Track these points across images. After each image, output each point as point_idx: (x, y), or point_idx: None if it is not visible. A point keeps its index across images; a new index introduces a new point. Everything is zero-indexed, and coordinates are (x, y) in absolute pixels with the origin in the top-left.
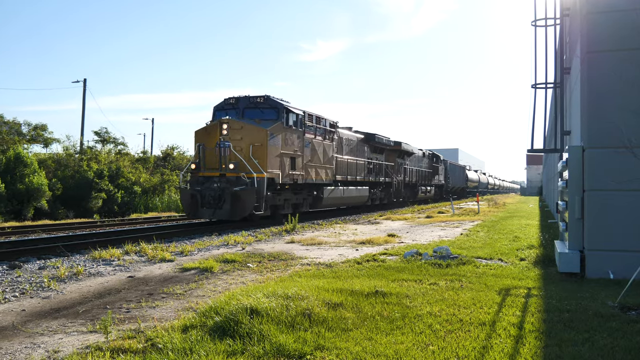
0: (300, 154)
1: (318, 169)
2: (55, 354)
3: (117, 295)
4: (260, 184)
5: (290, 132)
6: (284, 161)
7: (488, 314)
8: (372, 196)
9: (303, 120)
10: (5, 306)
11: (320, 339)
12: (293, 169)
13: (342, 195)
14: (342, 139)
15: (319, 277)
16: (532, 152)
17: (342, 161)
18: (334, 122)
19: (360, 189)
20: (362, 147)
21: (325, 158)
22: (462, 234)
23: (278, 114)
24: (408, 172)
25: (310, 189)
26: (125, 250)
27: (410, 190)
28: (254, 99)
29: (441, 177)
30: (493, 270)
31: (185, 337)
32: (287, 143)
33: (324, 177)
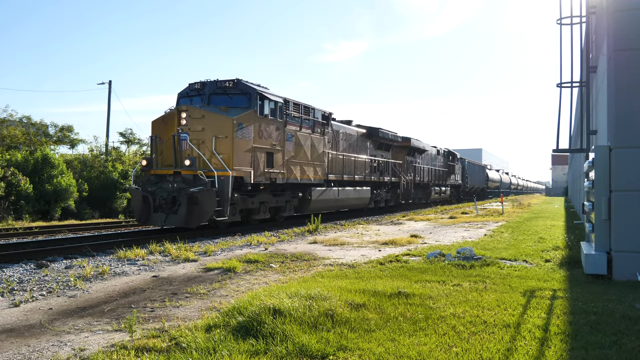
0: (280, 148)
1: (304, 166)
2: (81, 352)
3: (142, 295)
4: (223, 184)
5: (266, 123)
6: (258, 157)
7: (512, 316)
8: (376, 197)
9: (284, 109)
10: (33, 304)
11: (342, 339)
12: (270, 166)
13: (336, 197)
14: (337, 133)
15: (342, 277)
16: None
17: (336, 158)
18: (326, 114)
19: (360, 189)
20: (364, 142)
21: (315, 154)
22: (486, 234)
23: (250, 101)
24: (419, 171)
25: (295, 190)
26: (150, 250)
27: (422, 190)
28: (222, 83)
29: (458, 177)
30: (517, 271)
31: (208, 337)
32: (262, 135)
33: (312, 176)
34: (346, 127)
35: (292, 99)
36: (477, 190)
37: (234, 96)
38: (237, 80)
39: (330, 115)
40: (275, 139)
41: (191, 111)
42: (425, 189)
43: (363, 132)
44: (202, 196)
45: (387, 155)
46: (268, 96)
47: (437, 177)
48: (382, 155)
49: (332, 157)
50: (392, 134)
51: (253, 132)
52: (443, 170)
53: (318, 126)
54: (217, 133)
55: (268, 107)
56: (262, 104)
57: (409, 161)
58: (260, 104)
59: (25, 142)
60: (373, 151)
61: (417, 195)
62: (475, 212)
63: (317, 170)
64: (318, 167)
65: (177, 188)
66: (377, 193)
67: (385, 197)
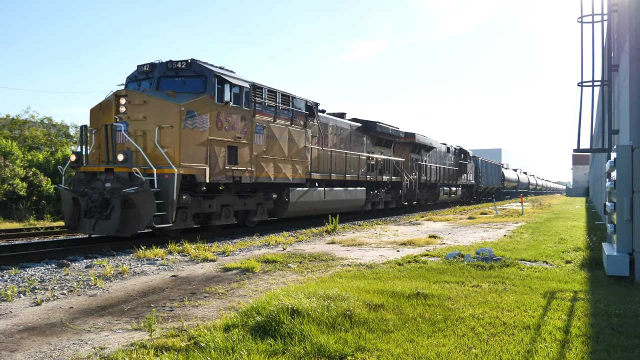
0: (246, 142)
1: (280, 163)
2: (101, 351)
3: (161, 294)
4: (167, 184)
5: (227, 112)
6: (216, 151)
7: (533, 317)
8: (373, 199)
9: (251, 95)
10: (54, 303)
11: (361, 340)
12: (233, 163)
13: (321, 198)
14: (326, 127)
15: (360, 278)
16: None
17: (323, 154)
18: (310, 103)
19: (353, 190)
20: (359, 138)
21: (294, 149)
22: (505, 235)
23: (205, 85)
24: (425, 170)
25: (269, 191)
26: (169, 250)
27: (428, 191)
28: (173, 64)
29: (470, 176)
30: (538, 272)
31: (227, 336)
32: (223, 126)
33: (290, 175)
34: (337, 120)
35: (266, 85)
36: (492, 191)
37: (187, 79)
38: (191, 60)
39: (316, 105)
40: (240, 131)
41: (131, 96)
42: (432, 189)
43: (358, 126)
44: (138, 198)
45: (387, 152)
46: (229, 80)
47: (446, 176)
48: (381, 152)
49: (319, 153)
50: (393, 128)
51: (209, 122)
52: (454, 169)
53: (299, 118)
54: (161, 122)
55: (230, 93)
56: (221, 88)
57: (414, 159)
58: (219, 88)
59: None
60: (370, 147)
61: (423, 196)
62: (495, 212)
63: (297, 168)
64: (298, 165)
65: (110, 188)
66: (375, 194)
67: (385, 198)
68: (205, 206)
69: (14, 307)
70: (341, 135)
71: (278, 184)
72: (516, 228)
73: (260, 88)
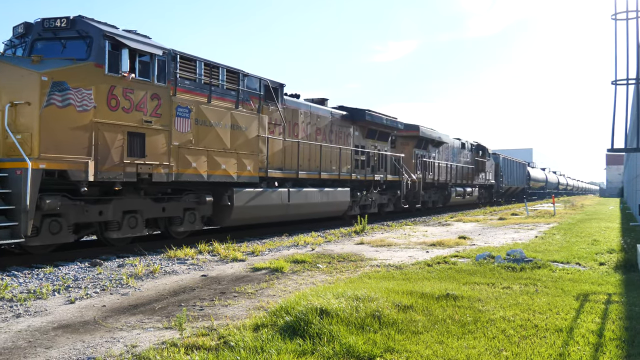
0: (161, 127)
1: (218, 156)
2: (133, 349)
3: (191, 294)
4: (17, 183)
5: (128, 86)
6: (107, 139)
7: (565, 320)
8: (363, 201)
9: (170, 68)
10: (87, 301)
11: (390, 341)
12: (137, 155)
13: (284, 201)
14: (295, 113)
15: (389, 278)
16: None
17: (290, 147)
18: (269, 83)
19: (332, 191)
20: (344, 128)
21: (240, 139)
22: (536, 236)
23: (90, 49)
24: (433, 168)
25: (203, 192)
26: (199, 250)
27: (438, 192)
28: (52, 22)
29: (489, 175)
30: (570, 274)
31: (256, 336)
32: (119, 105)
33: (234, 172)
34: (312, 107)
35: (197, 56)
36: (516, 191)
37: (69, 42)
38: (75, 17)
39: (281, 87)
40: (150, 113)
41: None
42: (442, 190)
43: (342, 115)
44: None
45: (383, 146)
46: (129, 44)
47: (459, 175)
48: (375, 146)
49: (284, 145)
50: (389, 118)
51: (96, 100)
52: (469, 167)
53: (253, 100)
54: (14, 97)
55: (131, 62)
56: (116, 54)
57: (419, 155)
58: (112, 54)
59: None
60: (360, 140)
61: (431, 198)
62: (526, 213)
63: (246, 164)
64: (247, 159)
65: None
66: (364, 196)
67: (380, 200)
68: (94, 213)
69: (49, 305)
70: (318, 125)
71: (217, 184)
72: (548, 229)
73: (189, 59)
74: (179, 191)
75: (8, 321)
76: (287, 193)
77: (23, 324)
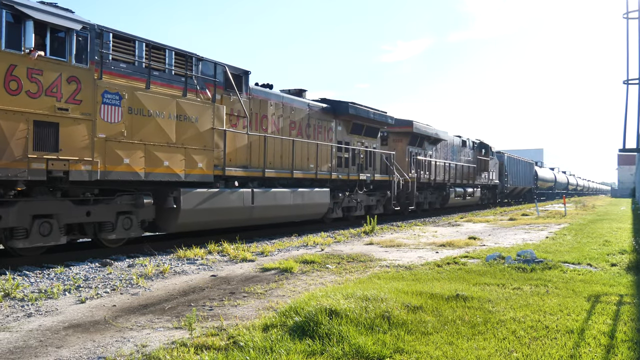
0: (81, 116)
1: (160, 151)
2: (143, 348)
3: (201, 294)
4: None
5: (34, 66)
6: (5, 129)
7: (576, 321)
8: (347, 203)
9: (95, 45)
10: (98, 301)
11: (399, 341)
12: (49, 149)
13: (245, 204)
14: (263, 104)
15: (398, 279)
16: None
17: (257, 142)
18: (227, 69)
19: (308, 192)
20: (325, 123)
21: (189, 132)
22: (547, 237)
23: None
24: (429, 167)
25: (142, 193)
26: (209, 250)
27: (435, 192)
28: None
29: (493, 175)
30: (581, 275)
31: (265, 336)
32: (20, 89)
33: (181, 169)
34: (286, 98)
35: (135, 35)
36: (522, 192)
37: None
38: None
39: (246, 75)
40: (66, 99)
41: None
42: (440, 191)
43: (322, 108)
44: None
45: (372, 142)
46: (34, 15)
47: (459, 174)
48: (361, 142)
49: (249, 140)
50: (377, 112)
51: None
52: (470, 166)
53: (210, 89)
54: None
55: (37, 37)
56: (16, 27)
57: (413, 153)
58: (12, 26)
59: None
60: (344, 136)
61: (427, 199)
62: (536, 213)
63: (197, 160)
64: (199, 155)
65: None
66: (348, 197)
67: (367, 202)
68: None
69: (60, 305)
70: (293, 118)
71: (160, 184)
72: (559, 230)
73: (123, 39)
74: (112, 192)
75: (19, 320)
76: (250, 194)
77: (34, 324)
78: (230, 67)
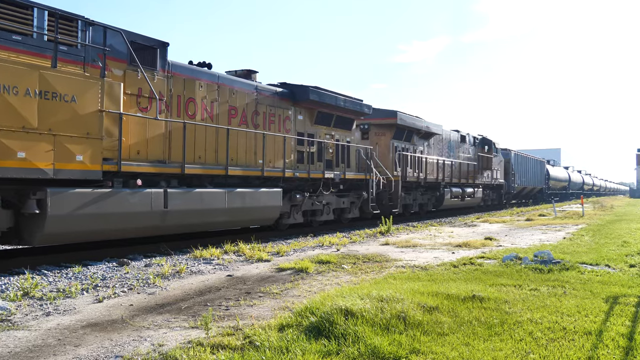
0: None
1: (7, 139)
2: (160, 348)
3: (217, 293)
4: None
5: None
6: None
7: (594, 323)
8: (308, 206)
9: None
10: (115, 300)
11: (415, 342)
12: None
13: (155, 208)
14: (190, 85)
15: (414, 279)
16: None
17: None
18: (136, 39)
19: (250, 193)
20: (282, 111)
21: (61, 114)
22: (565, 238)
23: None
24: (420, 164)
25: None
26: (225, 250)
27: (427, 193)
28: None
29: (497, 174)
30: (599, 276)
31: (281, 336)
32: None
33: (47, 164)
34: (223, 78)
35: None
36: (531, 192)
37: None
38: None
39: (163, 47)
40: None
41: None
42: (432, 191)
43: (276, 92)
44: None
45: (344, 135)
46: None
47: (457, 173)
48: (330, 135)
49: (166, 128)
50: (350, 99)
51: None
52: (470, 164)
53: (103, 60)
54: None
55: None
56: None
57: (399, 148)
58: None
59: None
60: (308, 127)
61: (416, 200)
62: (554, 214)
63: (74, 151)
64: (79, 145)
65: None
66: (309, 199)
67: (337, 204)
68: None
69: (78, 304)
70: (233, 103)
71: (15, 182)
72: (576, 230)
73: None
74: None
75: (38, 319)
76: (162, 195)
77: (52, 322)
78: (136, 36)
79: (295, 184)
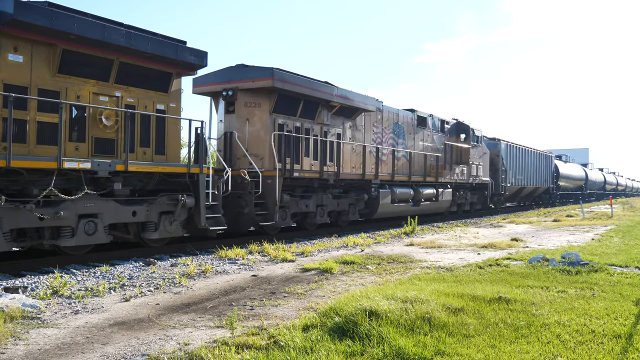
0: None
1: None
2: (185, 347)
3: (242, 293)
4: None
5: None
6: None
7: (624, 326)
8: None
9: None
10: (141, 300)
11: (440, 344)
12: None
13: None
14: None
15: (439, 280)
16: None
17: None
18: None
19: None
20: None
21: None
22: (593, 239)
23: None
24: (331, 152)
25: None
26: (249, 250)
27: (346, 197)
28: None
29: (479, 170)
30: (629, 278)
31: (306, 336)
32: None
33: None
34: None
35: None
36: (534, 193)
37: None
38: None
39: None
40: None
41: None
42: (358, 192)
43: None
44: None
45: (151, 99)
46: None
47: (405, 167)
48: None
49: None
50: (160, 39)
51: None
52: (432, 155)
53: None
54: None
55: None
56: None
57: (285, 127)
58: None
59: None
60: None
61: (324, 208)
62: (581, 215)
63: None
64: None
65: None
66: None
67: (116, 218)
68: None
69: (105, 303)
70: None
71: None
72: (605, 231)
73: None
74: None
75: (67, 317)
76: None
77: (81, 321)
78: None
79: None
